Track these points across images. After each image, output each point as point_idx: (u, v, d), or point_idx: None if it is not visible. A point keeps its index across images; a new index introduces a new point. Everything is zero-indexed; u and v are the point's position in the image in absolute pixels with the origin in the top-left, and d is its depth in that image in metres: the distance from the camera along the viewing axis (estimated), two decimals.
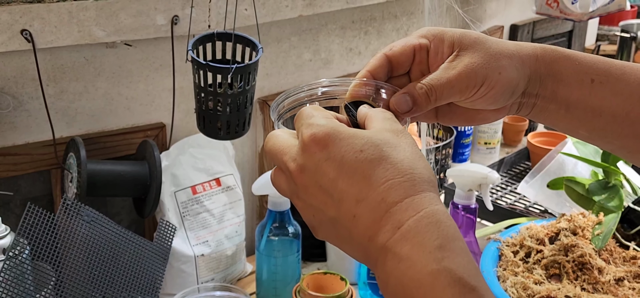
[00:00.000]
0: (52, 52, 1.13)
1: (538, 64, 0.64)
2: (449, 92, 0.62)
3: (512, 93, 0.63)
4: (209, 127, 1.12)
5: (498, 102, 0.64)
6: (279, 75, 1.48)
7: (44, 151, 1.15)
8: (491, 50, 0.62)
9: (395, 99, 0.62)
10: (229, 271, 1.28)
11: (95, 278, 1.02)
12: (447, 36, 0.63)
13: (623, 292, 1.02)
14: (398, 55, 0.64)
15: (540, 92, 0.65)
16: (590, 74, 0.64)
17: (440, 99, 0.62)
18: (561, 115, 0.66)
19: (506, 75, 0.62)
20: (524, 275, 1.06)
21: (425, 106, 0.62)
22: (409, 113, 0.62)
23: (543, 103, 0.65)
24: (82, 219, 1.02)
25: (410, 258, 0.48)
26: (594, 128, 0.66)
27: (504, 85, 0.62)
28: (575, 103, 0.65)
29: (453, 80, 0.61)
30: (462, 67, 0.61)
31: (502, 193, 1.57)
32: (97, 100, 1.20)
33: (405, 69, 0.65)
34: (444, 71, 0.62)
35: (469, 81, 0.61)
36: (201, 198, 1.24)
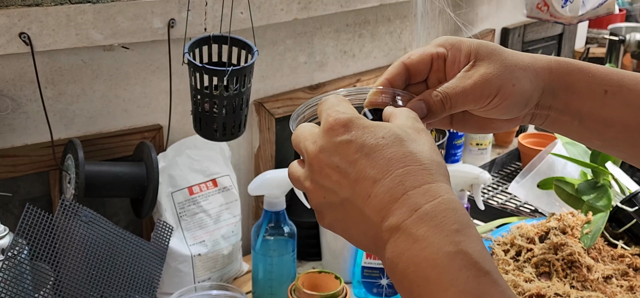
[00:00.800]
0: (50, 55, 1.14)
1: (552, 76, 0.65)
2: (463, 100, 0.64)
3: (525, 104, 0.65)
4: (205, 128, 1.13)
5: (511, 112, 0.65)
6: (275, 77, 1.50)
7: (42, 153, 1.16)
8: (507, 61, 0.64)
9: (411, 105, 0.64)
10: (226, 270, 1.29)
11: (93, 278, 1.03)
12: (464, 46, 0.65)
13: (611, 289, 1.04)
14: (416, 64, 0.66)
15: (553, 104, 0.66)
16: (603, 85, 0.65)
17: (454, 106, 0.64)
18: (574, 127, 0.67)
19: (520, 86, 0.63)
20: (514, 274, 1.08)
21: (440, 113, 0.64)
22: (424, 119, 0.63)
23: (556, 115, 0.67)
24: (80, 220, 1.04)
25: (427, 239, 0.49)
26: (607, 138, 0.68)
27: (518, 96, 0.64)
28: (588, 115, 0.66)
29: (468, 89, 0.63)
30: (477, 77, 0.63)
31: (493, 193, 1.59)
32: (94, 103, 1.22)
33: (423, 77, 0.67)
34: (459, 80, 0.64)
35: (483, 91, 0.63)
36: (198, 199, 1.25)
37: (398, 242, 0.51)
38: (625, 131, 0.66)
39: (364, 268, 1.27)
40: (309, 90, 1.56)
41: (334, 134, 0.55)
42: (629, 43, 2.11)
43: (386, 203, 0.52)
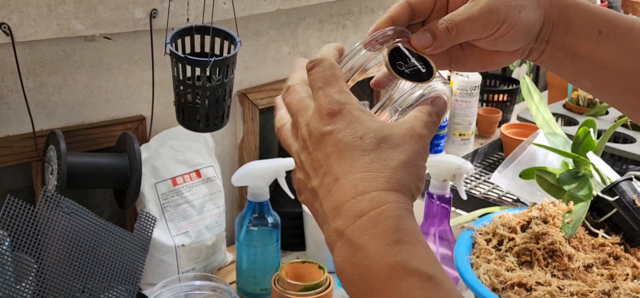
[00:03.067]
0: (31, 46, 1.13)
1: (551, 8, 0.64)
2: (470, 27, 0.61)
3: (529, 33, 0.64)
4: (188, 119, 1.13)
5: (517, 42, 0.64)
6: (258, 68, 1.50)
7: (24, 144, 1.15)
8: None
9: (417, 36, 0.62)
10: (210, 261, 1.29)
11: (75, 269, 1.03)
12: None
13: (592, 278, 1.05)
14: (420, 3, 0.65)
15: (551, 38, 0.65)
16: (599, 25, 0.64)
17: (461, 34, 0.62)
18: (567, 64, 0.66)
19: (526, 14, 0.62)
20: (496, 263, 1.08)
21: (446, 42, 0.62)
22: (429, 48, 0.62)
23: (552, 50, 0.66)
24: (62, 211, 1.03)
25: (368, 248, 0.50)
26: (598, 81, 0.67)
27: (524, 24, 0.62)
28: (582, 53, 0.65)
29: (475, 15, 0.61)
30: (484, 3, 0.61)
31: (476, 183, 1.60)
32: (76, 93, 1.21)
33: (425, 16, 0.66)
34: (466, 8, 0.62)
35: (490, 17, 0.61)
36: (181, 190, 1.25)
37: (343, 248, 0.51)
38: (618, 76, 0.65)
39: None
40: None
41: (322, 121, 0.55)
42: None
43: (338, 204, 0.52)
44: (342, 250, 0.51)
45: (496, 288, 1.02)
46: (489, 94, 2.10)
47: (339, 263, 0.52)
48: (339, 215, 0.52)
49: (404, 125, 0.56)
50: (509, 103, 2.09)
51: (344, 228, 0.51)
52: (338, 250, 0.52)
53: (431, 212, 1.28)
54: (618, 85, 0.66)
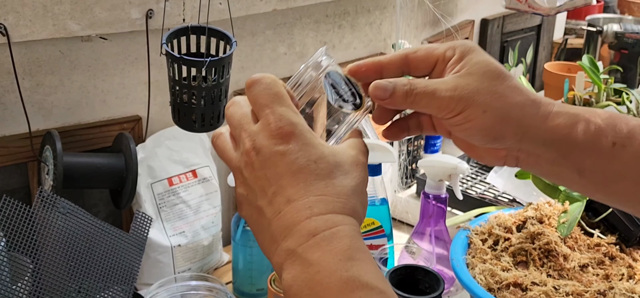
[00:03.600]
0: (27, 46, 1.13)
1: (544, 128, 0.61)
2: (427, 102, 0.60)
3: (494, 140, 0.61)
4: (184, 119, 1.13)
5: (475, 138, 0.62)
6: (255, 68, 1.50)
7: (20, 144, 1.15)
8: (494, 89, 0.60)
9: (377, 83, 0.61)
10: (206, 261, 1.29)
11: (71, 269, 1.03)
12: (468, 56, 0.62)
13: (587, 278, 1.06)
14: (419, 60, 0.64)
15: (542, 154, 0.62)
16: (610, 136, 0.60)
17: (417, 104, 0.61)
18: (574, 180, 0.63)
19: (489, 118, 0.60)
20: (492, 263, 1.08)
21: (400, 104, 0.61)
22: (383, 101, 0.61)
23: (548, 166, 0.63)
24: (58, 211, 1.03)
25: (320, 264, 0.50)
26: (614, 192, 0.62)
27: (483, 126, 0.60)
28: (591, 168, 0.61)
29: (437, 94, 0.60)
30: (451, 86, 0.60)
31: (472, 183, 1.60)
32: (72, 94, 1.21)
33: (424, 73, 0.65)
34: (436, 82, 0.61)
35: (449, 102, 0.60)
36: (177, 190, 1.25)
37: (294, 265, 0.51)
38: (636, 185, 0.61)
39: None
40: None
41: (272, 140, 0.54)
42: (606, 34, 2.13)
43: (290, 224, 0.52)
44: (292, 267, 0.51)
45: (492, 288, 1.02)
46: None
47: (288, 280, 0.52)
48: (291, 235, 0.52)
49: (348, 151, 0.57)
50: None
51: (296, 246, 0.51)
52: (287, 267, 0.52)
53: (427, 212, 1.28)
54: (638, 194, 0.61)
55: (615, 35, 2.10)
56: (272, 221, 0.54)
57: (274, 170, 0.54)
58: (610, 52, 2.14)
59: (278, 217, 0.53)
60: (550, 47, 2.71)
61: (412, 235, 1.30)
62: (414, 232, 1.30)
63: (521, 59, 2.52)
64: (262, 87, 0.57)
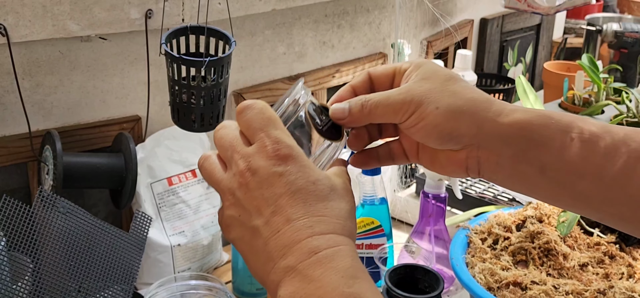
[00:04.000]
0: (27, 46, 1.13)
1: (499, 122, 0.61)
2: (383, 110, 0.62)
3: (449, 137, 0.61)
4: (183, 119, 1.14)
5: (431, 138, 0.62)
6: (254, 68, 1.50)
7: (20, 144, 1.15)
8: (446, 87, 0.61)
9: (336, 107, 0.64)
10: (205, 260, 1.30)
11: (71, 269, 1.03)
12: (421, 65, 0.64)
13: (587, 277, 1.06)
14: (378, 74, 0.67)
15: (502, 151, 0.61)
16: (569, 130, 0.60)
17: (373, 114, 0.63)
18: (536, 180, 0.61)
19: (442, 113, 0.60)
20: (491, 262, 1.09)
21: (359, 118, 0.63)
22: (343, 121, 0.64)
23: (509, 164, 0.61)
24: (58, 211, 1.04)
25: (322, 280, 0.50)
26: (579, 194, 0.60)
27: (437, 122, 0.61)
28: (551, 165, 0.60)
29: (390, 99, 0.62)
30: (404, 90, 0.62)
31: (471, 182, 1.60)
32: (72, 94, 1.21)
33: (386, 87, 0.66)
34: (388, 91, 0.63)
35: (402, 105, 0.61)
36: (177, 190, 1.26)
37: (293, 282, 0.51)
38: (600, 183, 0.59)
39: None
40: (288, 81, 1.57)
41: (270, 162, 0.55)
42: (605, 33, 2.13)
43: (290, 243, 0.53)
44: (290, 283, 0.52)
45: (491, 287, 1.02)
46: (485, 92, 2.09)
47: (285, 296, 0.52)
48: (291, 253, 0.52)
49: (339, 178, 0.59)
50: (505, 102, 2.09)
51: (296, 263, 0.52)
52: (285, 284, 0.52)
53: (426, 211, 1.28)
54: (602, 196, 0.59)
55: (615, 34, 2.10)
56: (269, 240, 0.54)
57: (271, 191, 0.55)
58: (610, 51, 2.15)
59: (276, 235, 0.54)
60: (549, 47, 2.71)
61: (412, 234, 1.30)
62: (414, 232, 1.30)
63: (520, 59, 2.53)
64: (254, 111, 0.57)
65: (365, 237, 1.27)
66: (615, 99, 1.78)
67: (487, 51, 2.38)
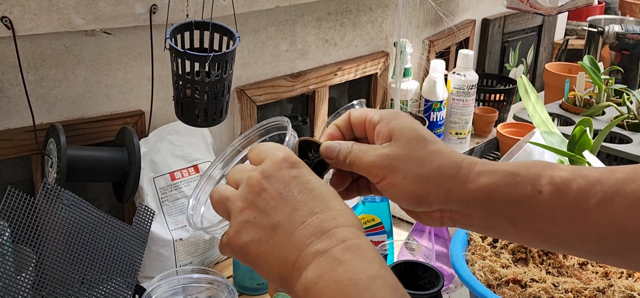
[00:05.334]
0: (32, 40, 1.14)
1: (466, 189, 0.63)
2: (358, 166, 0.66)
3: (418, 203, 0.65)
4: (187, 114, 1.14)
5: (402, 202, 0.66)
6: (257, 65, 1.51)
7: (24, 137, 1.16)
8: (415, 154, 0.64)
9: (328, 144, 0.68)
10: (207, 255, 1.30)
11: (74, 261, 1.04)
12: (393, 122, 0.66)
13: (586, 275, 1.06)
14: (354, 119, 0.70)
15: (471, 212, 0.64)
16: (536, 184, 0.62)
17: (353, 168, 0.67)
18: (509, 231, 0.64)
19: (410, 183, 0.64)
20: (491, 259, 1.09)
21: (341, 164, 0.67)
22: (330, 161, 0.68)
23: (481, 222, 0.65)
24: (62, 203, 1.04)
25: (351, 263, 0.53)
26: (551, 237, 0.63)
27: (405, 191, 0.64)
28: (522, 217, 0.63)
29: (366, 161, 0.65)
30: (376, 154, 0.65)
31: None
32: (76, 88, 1.22)
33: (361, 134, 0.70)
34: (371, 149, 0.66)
35: (374, 168, 0.65)
36: (179, 185, 1.26)
37: (322, 264, 0.54)
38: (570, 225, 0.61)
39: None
40: (290, 78, 1.58)
41: (283, 168, 0.59)
42: (607, 35, 2.14)
43: (317, 232, 0.56)
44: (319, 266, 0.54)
45: (491, 284, 1.03)
46: (486, 93, 2.11)
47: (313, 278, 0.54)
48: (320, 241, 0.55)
49: None
50: (506, 102, 2.10)
51: (327, 248, 0.55)
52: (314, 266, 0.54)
53: None
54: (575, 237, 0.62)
55: (617, 36, 2.11)
56: (293, 232, 0.56)
57: (289, 189, 0.58)
58: (611, 53, 2.15)
59: (301, 226, 0.56)
60: (551, 48, 2.72)
61: (412, 232, 1.31)
62: (414, 230, 1.31)
63: (522, 59, 2.53)
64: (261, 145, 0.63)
65: (366, 233, 1.28)
66: (616, 101, 1.79)
67: (488, 51, 2.39)
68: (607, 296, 0.99)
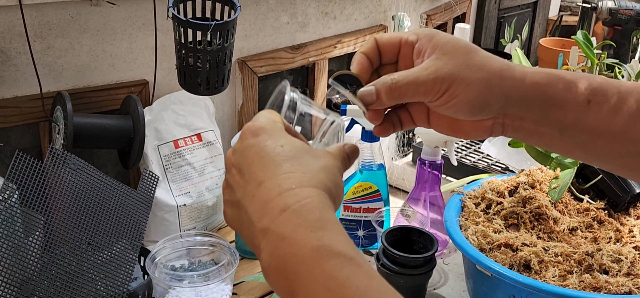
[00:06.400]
0: (38, 9, 1.17)
1: (524, 86, 0.64)
2: (413, 91, 0.64)
3: (480, 109, 0.64)
4: (189, 82, 1.17)
5: (462, 113, 0.65)
6: (258, 37, 1.53)
7: (32, 105, 1.19)
8: (470, 62, 0.63)
9: (362, 92, 0.65)
10: (210, 220, 1.34)
11: (82, 224, 1.06)
12: (435, 38, 0.65)
13: (576, 240, 1.09)
14: (384, 43, 0.68)
15: (527, 115, 0.65)
16: (586, 95, 0.63)
17: (403, 96, 0.64)
18: (555, 139, 0.65)
19: (474, 89, 0.63)
20: (484, 225, 1.12)
21: (388, 101, 0.65)
22: (373, 105, 0.66)
23: (531, 126, 0.65)
24: (69, 167, 1.07)
25: (293, 237, 0.51)
26: (592, 149, 0.65)
27: (469, 98, 0.63)
28: (571, 125, 0.64)
29: (419, 80, 0.63)
30: (432, 70, 0.63)
31: (466, 152, 1.65)
32: (82, 57, 1.25)
33: (392, 59, 0.69)
34: (415, 70, 0.64)
35: (434, 85, 0.63)
36: (183, 152, 1.29)
37: (270, 243, 0.53)
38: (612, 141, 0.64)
39: (342, 220, 1.32)
40: (291, 50, 1.60)
41: (244, 138, 0.59)
42: (600, 10, 2.16)
43: (263, 204, 0.54)
44: (268, 244, 0.53)
45: (484, 248, 1.06)
46: None
47: (266, 258, 0.53)
48: (265, 214, 0.54)
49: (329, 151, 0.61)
50: None
51: (270, 223, 0.53)
52: (264, 246, 0.53)
53: (422, 178, 1.32)
54: (614, 150, 0.65)
55: (610, 11, 2.14)
56: (248, 208, 0.55)
57: (245, 161, 0.57)
58: (604, 28, 2.18)
59: (252, 201, 0.55)
60: (545, 24, 2.75)
61: (408, 200, 1.34)
62: (409, 198, 1.34)
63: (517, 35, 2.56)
64: None
65: (363, 201, 1.31)
66: (608, 75, 1.82)
67: (484, 27, 2.41)
68: (595, 259, 1.01)
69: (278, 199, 0.53)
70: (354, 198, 1.31)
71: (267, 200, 0.54)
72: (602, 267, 1.01)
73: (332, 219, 0.53)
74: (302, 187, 0.54)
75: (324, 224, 0.52)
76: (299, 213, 0.52)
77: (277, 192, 0.54)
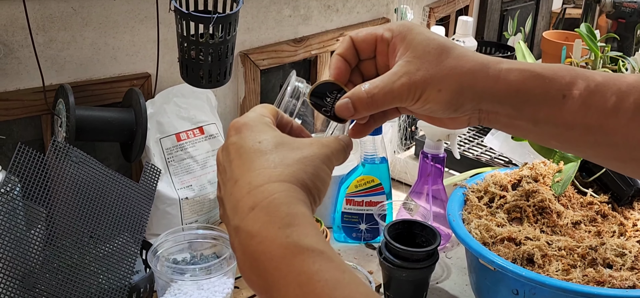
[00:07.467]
0: (40, 1, 1.16)
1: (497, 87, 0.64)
2: (389, 100, 0.64)
3: (454, 110, 0.65)
4: (191, 75, 1.17)
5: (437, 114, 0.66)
6: (260, 30, 1.53)
7: (34, 97, 1.19)
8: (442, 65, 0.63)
9: (339, 105, 0.65)
10: (212, 214, 1.34)
11: (84, 216, 1.06)
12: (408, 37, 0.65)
13: (579, 234, 1.09)
14: (360, 41, 0.68)
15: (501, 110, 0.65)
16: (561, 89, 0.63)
17: (379, 106, 0.64)
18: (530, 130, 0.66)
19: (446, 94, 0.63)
20: (487, 218, 1.11)
21: (366, 112, 0.65)
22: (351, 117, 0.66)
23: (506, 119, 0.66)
24: (71, 160, 1.07)
25: (261, 234, 0.52)
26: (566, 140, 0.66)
27: (442, 101, 0.63)
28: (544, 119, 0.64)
29: (394, 89, 0.63)
30: (405, 79, 0.63)
31: (469, 145, 1.64)
32: (84, 50, 1.24)
33: (369, 55, 0.69)
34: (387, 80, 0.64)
35: (408, 93, 0.63)
36: (185, 145, 1.29)
37: (241, 241, 0.53)
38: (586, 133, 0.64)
39: (344, 214, 1.32)
40: (293, 43, 1.60)
41: (228, 136, 0.59)
42: (604, 3, 2.15)
43: (236, 202, 0.55)
44: (239, 244, 0.53)
45: (486, 242, 1.06)
46: None
47: (239, 256, 0.54)
48: (236, 213, 0.54)
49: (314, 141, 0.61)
50: None
51: (240, 222, 0.53)
52: (237, 245, 0.54)
53: (425, 171, 1.31)
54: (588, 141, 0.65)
55: (613, 4, 2.13)
56: (227, 206, 0.56)
57: (227, 159, 0.58)
58: (608, 21, 2.17)
59: (230, 199, 0.56)
60: (549, 17, 2.74)
61: (410, 193, 1.34)
62: (412, 191, 1.34)
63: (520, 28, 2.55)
64: None
65: (365, 194, 1.31)
66: (611, 68, 1.81)
67: (487, 20, 2.40)
68: (599, 254, 1.01)
69: (247, 197, 0.54)
70: (357, 191, 1.30)
71: (239, 198, 0.54)
72: (606, 261, 1.00)
73: (301, 213, 0.53)
74: (271, 182, 0.54)
75: (292, 220, 0.52)
76: (266, 211, 0.53)
77: (247, 190, 0.54)
